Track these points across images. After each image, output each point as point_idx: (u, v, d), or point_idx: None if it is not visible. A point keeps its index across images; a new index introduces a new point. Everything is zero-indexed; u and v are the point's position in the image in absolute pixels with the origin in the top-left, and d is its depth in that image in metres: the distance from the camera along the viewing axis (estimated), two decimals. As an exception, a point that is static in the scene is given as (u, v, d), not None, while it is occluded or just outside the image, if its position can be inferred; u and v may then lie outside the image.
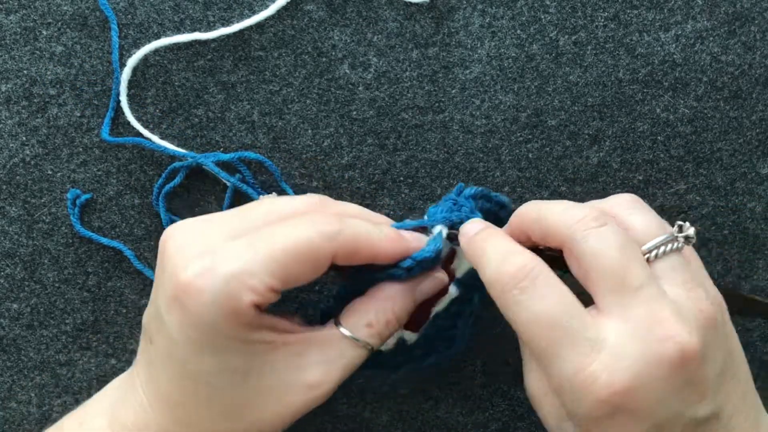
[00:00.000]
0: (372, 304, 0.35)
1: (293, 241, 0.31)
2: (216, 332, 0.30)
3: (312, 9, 0.44)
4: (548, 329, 0.30)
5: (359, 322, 0.35)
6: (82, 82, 0.44)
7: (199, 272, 0.30)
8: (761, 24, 0.44)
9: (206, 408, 0.32)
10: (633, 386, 0.29)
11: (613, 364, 0.29)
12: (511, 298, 0.31)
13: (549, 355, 0.30)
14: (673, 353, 0.29)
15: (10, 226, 0.45)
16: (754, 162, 0.45)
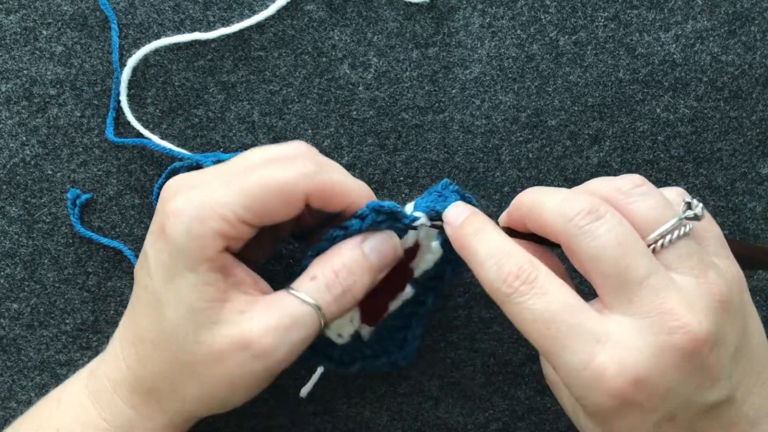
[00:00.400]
0: (318, 262, 0.35)
1: (268, 178, 0.33)
2: (184, 257, 0.32)
3: (312, 9, 0.44)
4: (550, 327, 0.30)
5: (304, 278, 0.35)
6: (82, 82, 0.44)
7: (180, 201, 0.32)
8: (761, 24, 0.44)
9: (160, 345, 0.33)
10: (642, 377, 0.29)
11: (620, 356, 0.29)
12: (510, 300, 0.31)
13: (554, 352, 0.30)
14: (684, 343, 0.29)
15: (10, 226, 0.45)
16: (754, 162, 0.45)
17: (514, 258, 0.32)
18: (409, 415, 0.45)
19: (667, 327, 0.29)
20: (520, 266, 0.31)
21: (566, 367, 0.30)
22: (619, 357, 0.29)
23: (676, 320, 0.29)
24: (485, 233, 0.33)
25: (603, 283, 0.31)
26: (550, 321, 0.30)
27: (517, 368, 0.45)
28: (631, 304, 0.30)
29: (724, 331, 0.30)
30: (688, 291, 0.30)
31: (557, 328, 0.30)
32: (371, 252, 0.35)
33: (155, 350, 0.34)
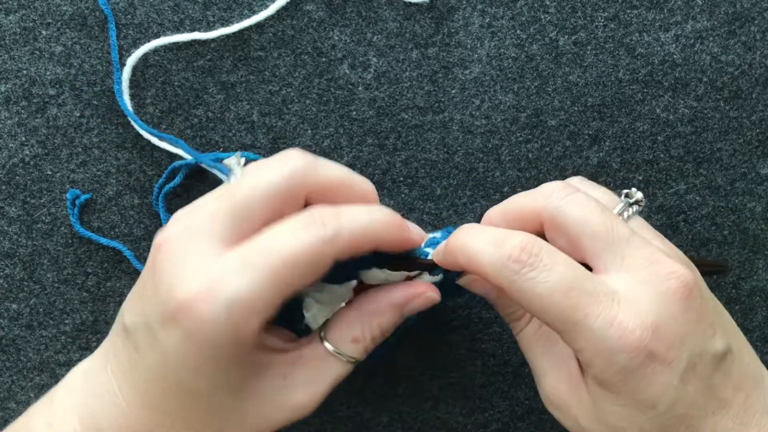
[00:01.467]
0: (358, 318, 0.34)
1: (293, 252, 0.29)
2: (217, 355, 0.29)
3: (312, 9, 0.44)
4: (568, 294, 0.30)
5: (345, 336, 0.33)
6: (82, 82, 0.44)
7: (197, 295, 0.28)
8: (761, 24, 0.44)
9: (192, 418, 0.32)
10: (658, 324, 0.30)
11: (634, 309, 0.30)
12: (522, 278, 0.30)
13: (576, 320, 0.30)
14: (679, 286, 0.30)
15: (10, 226, 0.45)
16: (754, 162, 0.45)
17: (514, 236, 0.31)
18: (409, 415, 0.45)
19: (662, 274, 0.30)
20: (522, 243, 0.31)
21: (591, 333, 0.29)
22: (634, 310, 0.30)
23: (667, 267, 0.30)
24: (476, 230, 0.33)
25: (594, 246, 0.31)
26: (568, 290, 0.30)
27: (517, 368, 0.45)
28: (624, 260, 0.31)
29: (702, 283, 0.32)
30: (663, 247, 0.32)
31: (578, 296, 0.30)
32: (409, 313, 0.35)
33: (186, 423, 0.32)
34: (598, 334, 0.29)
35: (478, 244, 0.31)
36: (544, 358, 0.34)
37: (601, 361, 0.30)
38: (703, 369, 0.31)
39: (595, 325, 0.29)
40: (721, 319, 0.33)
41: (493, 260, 0.31)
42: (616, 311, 0.30)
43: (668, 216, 0.45)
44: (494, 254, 0.31)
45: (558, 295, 0.30)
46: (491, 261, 0.31)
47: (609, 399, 0.31)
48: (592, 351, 0.30)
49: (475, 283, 0.36)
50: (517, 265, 0.30)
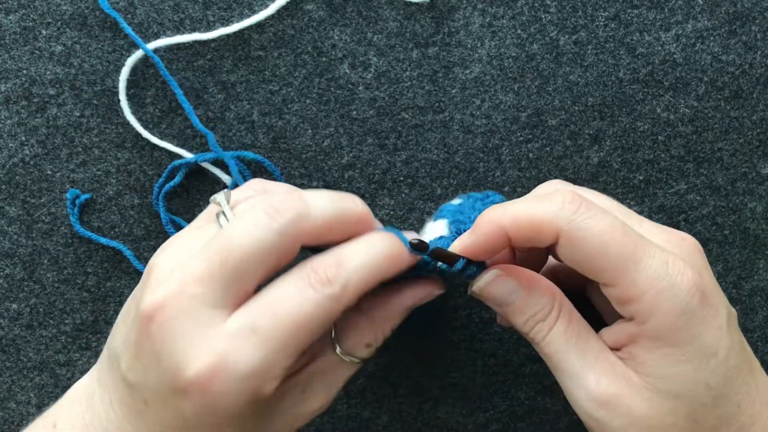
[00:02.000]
0: (370, 324, 0.34)
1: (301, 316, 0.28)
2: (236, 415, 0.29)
3: (312, 9, 0.44)
4: (626, 232, 0.30)
5: (359, 343, 0.34)
6: (82, 82, 0.44)
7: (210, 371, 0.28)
8: (762, 24, 0.44)
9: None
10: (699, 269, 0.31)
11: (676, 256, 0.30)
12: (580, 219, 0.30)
13: (637, 257, 0.30)
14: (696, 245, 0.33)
15: (10, 226, 0.45)
16: (754, 162, 0.45)
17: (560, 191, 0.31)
18: (409, 415, 0.45)
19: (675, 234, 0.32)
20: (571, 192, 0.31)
21: (652, 271, 0.30)
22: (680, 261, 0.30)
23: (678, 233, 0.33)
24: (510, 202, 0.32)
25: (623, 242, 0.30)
26: (625, 229, 0.30)
27: (517, 368, 0.45)
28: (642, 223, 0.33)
29: None
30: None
31: (635, 235, 0.30)
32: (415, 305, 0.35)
33: None
34: (659, 272, 0.30)
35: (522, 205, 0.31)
36: (581, 356, 0.32)
37: (664, 302, 0.30)
38: (734, 324, 0.31)
39: (654, 262, 0.30)
40: None
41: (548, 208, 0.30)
42: (668, 255, 0.30)
43: (669, 216, 0.45)
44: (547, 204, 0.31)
45: (618, 233, 0.30)
46: (546, 209, 0.30)
47: (669, 359, 0.30)
48: (654, 292, 0.30)
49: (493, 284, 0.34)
50: (573, 206, 0.30)
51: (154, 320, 0.28)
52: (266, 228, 0.29)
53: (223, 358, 0.28)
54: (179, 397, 0.28)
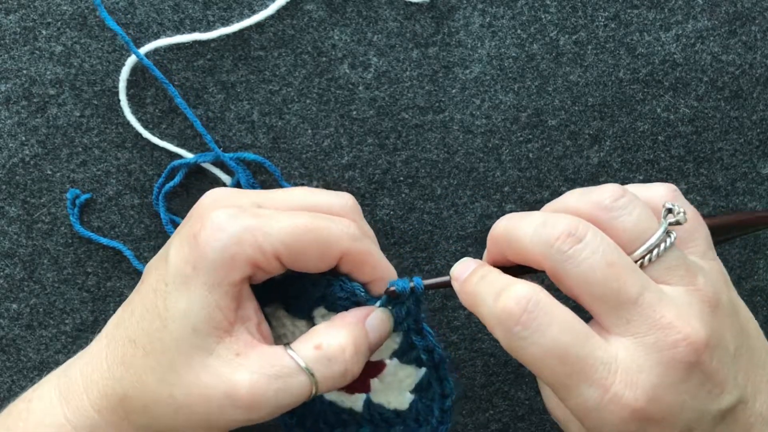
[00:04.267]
0: (324, 329, 0.34)
1: (316, 226, 0.33)
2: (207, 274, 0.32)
3: (312, 9, 0.44)
4: (561, 363, 0.29)
5: (308, 343, 0.33)
6: (82, 82, 0.44)
7: (225, 216, 0.32)
8: (762, 23, 0.44)
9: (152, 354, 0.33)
10: (655, 395, 0.29)
11: (631, 379, 0.29)
12: (515, 336, 0.30)
13: (569, 386, 0.29)
14: (686, 354, 0.29)
15: (10, 226, 0.45)
16: (754, 162, 0.45)
17: (511, 289, 0.30)
18: None
19: (669, 342, 0.29)
20: (517, 297, 0.30)
21: (582, 400, 0.29)
22: (632, 380, 0.29)
23: (677, 333, 0.29)
24: (488, 276, 0.32)
25: (598, 307, 0.30)
26: (563, 354, 0.29)
27: (517, 368, 0.45)
28: (629, 324, 0.29)
29: (720, 334, 0.30)
30: (681, 301, 0.30)
31: (573, 362, 0.29)
32: (371, 331, 0.35)
33: (144, 357, 0.33)
34: (590, 404, 0.29)
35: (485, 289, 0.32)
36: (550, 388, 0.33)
37: (592, 424, 0.30)
38: (702, 429, 0.30)
39: (587, 394, 0.29)
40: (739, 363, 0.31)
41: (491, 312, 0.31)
42: (611, 381, 0.29)
43: (669, 216, 0.45)
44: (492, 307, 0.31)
45: (552, 359, 0.29)
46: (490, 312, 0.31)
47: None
48: (584, 417, 0.30)
49: None
50: (510, 322, 0.30)
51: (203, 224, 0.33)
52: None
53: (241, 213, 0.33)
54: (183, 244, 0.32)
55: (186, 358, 0.32)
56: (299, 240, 0.32)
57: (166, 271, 0.33)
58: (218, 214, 0.32)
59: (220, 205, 0.33)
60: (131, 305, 0.35)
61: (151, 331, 0.33)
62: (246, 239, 0.32)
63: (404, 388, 0.38)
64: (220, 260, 0.31)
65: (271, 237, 0.32)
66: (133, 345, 0.33)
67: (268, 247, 0.32)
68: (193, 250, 0.32)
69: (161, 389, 0.32)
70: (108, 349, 0.34)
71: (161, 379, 0.32)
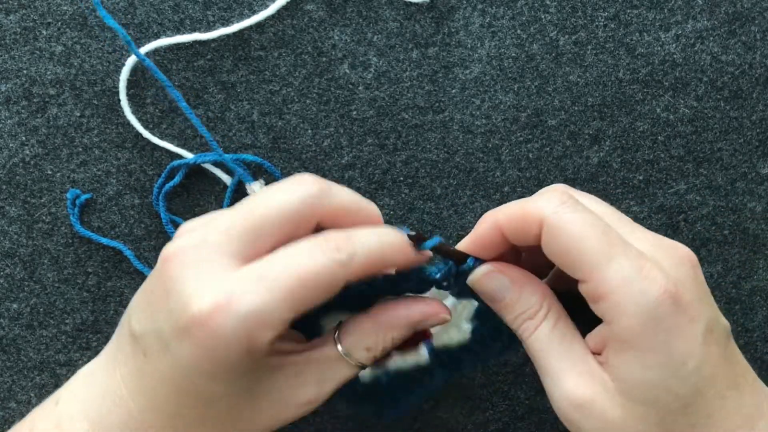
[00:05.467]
0: (374, 328, 0.34)
1: (308, 272, 0.30)
2: (231, 365, 0.30)
3: (312, 9, 0.44)
4: (606, 231, 0.31)
5: (359, 344, 0.34)
6: (82, 82, 0.44)
7: (213, 308, 0.29)
8: (761, 24, 0.44)
9: (205, 419, 0.32)
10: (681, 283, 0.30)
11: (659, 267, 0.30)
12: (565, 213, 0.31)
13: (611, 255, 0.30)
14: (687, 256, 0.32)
15: (10, 226, 0.45)
16: (754, 162, 0.45)
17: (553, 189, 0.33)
18: (409, 415, 0.45)
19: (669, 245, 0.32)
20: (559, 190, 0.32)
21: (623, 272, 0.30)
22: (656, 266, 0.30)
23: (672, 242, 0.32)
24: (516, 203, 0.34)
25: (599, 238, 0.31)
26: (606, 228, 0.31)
27: (517, 368, 0.45)
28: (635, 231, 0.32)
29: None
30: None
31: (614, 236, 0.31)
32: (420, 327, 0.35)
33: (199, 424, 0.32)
34: (630, 274, 0.30)
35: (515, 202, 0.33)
36: (562, 357, 0.33)
37: (631, 305, 0.30)
38: (719, 335, 0.31)
39: (627, 264, 0.30)
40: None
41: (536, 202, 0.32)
42: (645, 260, 0.30)
43: (668, 216, 0.45)
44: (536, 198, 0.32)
45: (596, 230, 0.31)
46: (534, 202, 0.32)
47: (637, 364, 0.31)
48: (622, 293, 0.30)
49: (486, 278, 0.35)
50: (558, 201, 0.31)
51: (171, 261, 0.30)
52: (290, 194, 0.31)
53: (228, 297, 0.29)
54: (180, 337, 0.29)
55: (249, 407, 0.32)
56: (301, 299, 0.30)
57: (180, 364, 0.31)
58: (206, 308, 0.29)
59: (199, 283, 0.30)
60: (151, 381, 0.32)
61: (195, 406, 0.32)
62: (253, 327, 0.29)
63: (462, 321, 0.37)
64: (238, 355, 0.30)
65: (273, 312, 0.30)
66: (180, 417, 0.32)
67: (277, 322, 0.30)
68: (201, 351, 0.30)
69: None
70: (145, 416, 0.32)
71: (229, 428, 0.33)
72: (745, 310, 0.46)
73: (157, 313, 0.31)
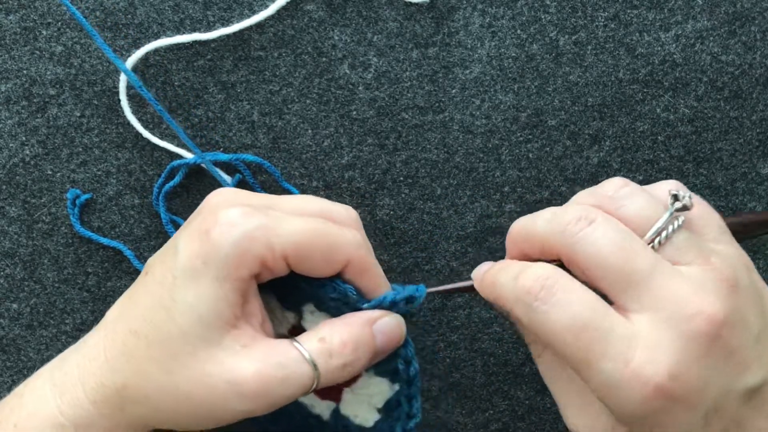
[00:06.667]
0: (329, 324, 0.34)
1: (324, 229, 0.33)
2: (217, 268, 0.32)
3: (312, 9, 0.44)
4: (581, 334, 0.29)
5: (313, 336, 0.34)
6: (82, 82, 0.44)
7: (238, 213, 0.32)
8: (761, 24, 0.44)
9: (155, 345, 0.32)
10: (678, 371, 0.28)
11: (652, 354, 0.28)
12: (535, 311, 0.30)
13: (588, 361, 0.29)
14: (705, 328, 0.29)
15: (10, 226, 0.45)
16: (754, 162, 0.45)
17: (530, 270, 0.31)
18: None
19: (684, 315, 0.29)
20: (537, 275, 0.30)
21: (603, 375, 0.29)
22: (651, 355, 0.29)
23: (692, 306, 0.29)
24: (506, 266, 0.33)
25: (611, 286, 0.30)
26: (581, 329, 0.29)
27: (517, 368, 0.45)
28: (642, 299, 0.30)
29: (741, 312, 0.30)
30: (695, 278, 0.30)
31: (590, 337, 0.29)
32: (379, 334, 0.35)
33: (147, 348, 0.33)
34: (611, 379, 0.29)
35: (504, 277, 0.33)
36: (565, 387, 0.33)
37: (616, 405, 0.29)
38: (729, 408, 0.30)
39: (608, 368, 0.29)
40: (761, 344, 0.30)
41: (511, 291, 0.31)
42: (631, 356, 0.29)
43: (668, 216, 0.45)
44: (512, 286, 0.31)
45: (570, 335, 0.29)
46: (509, 292, 0.32)
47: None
48: (605, 394, 0.29)
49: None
50: (530, 298, 0.30)
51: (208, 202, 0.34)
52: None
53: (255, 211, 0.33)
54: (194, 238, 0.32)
55: (192, 348, 0.32)
56: (309, 243, 0.33)
57: (174, 264, 0.32)
58: (232, 211, 0.32)
59: (232, 204, 0.33)
60: (133, 297, 0.34)
61: (155, 321, 0.33)
62: (258, 237, 0.32)
63: (373, 404, 0.37)
64: (231, 255, 0.32)
65: (282, 238, 0.32)
66: (135, 336, 0.33)
67: (278, 247, 0.32)
68: (204, 245, 0.32)
69: (164, 378, 0.32)
70: (106, 340, 0.34)
71: (165, 369, 0.32)
72: (745, 310, 0.46)
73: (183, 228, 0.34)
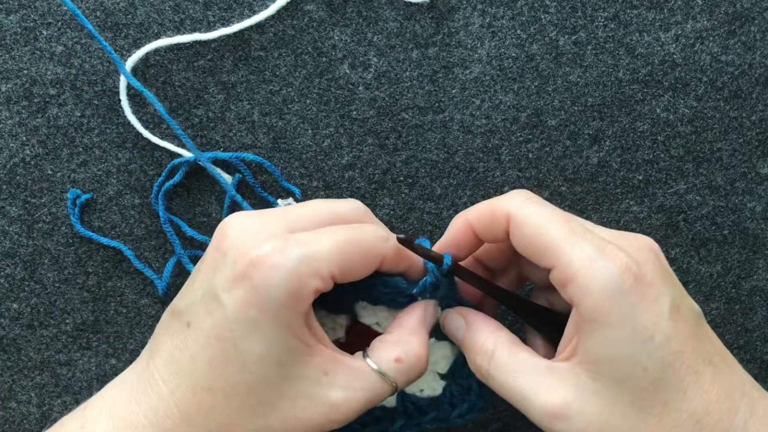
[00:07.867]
0: (399, 339, 0.35)
1: (354, 236, 0.33)
2: (277, 313, 0.31)
3: (312, 9, 0.44)
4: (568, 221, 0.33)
5: (388, 355, 0.34)
6: (82, 82, 0.44)
7: (272, 250, 0.31)
8: (761, 24, 0.44)
9: (235, 397, 0.32)
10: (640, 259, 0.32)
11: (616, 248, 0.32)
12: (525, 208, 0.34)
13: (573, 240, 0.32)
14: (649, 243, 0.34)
15: (10, 226, 0.45)
16: (754, 162, 0.45)
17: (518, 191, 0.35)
18: None
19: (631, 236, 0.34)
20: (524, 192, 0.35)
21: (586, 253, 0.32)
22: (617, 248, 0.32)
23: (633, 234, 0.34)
24: None
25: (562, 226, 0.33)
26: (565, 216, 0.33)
27: (517, 368, 0.45)
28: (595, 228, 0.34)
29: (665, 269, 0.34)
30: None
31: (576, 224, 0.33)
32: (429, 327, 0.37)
33: (227, 402, 0.32)
34: (593, 254, 0.31)
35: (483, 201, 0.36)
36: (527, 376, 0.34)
37: (595, 281, 0.31)
38: (687, 314, 0.32)
39: (589, 246, 0.32)
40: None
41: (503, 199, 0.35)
42: (606, 243, 0.32)
43: (668, 216, 0.45)
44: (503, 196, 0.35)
45: (560, 219, 0.33)
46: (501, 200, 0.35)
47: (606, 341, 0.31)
48: (587, 272, 0.31)
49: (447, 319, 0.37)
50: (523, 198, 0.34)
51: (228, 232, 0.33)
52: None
53: (284, 244, 0.31)
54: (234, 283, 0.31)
55: (277, 390, 0.32)
56: (348, 257, 0.33)
57: (225, 316, 0.31)
58: (264, 249, 0.31)
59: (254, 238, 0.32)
60: (188, 352, 0.33)
61: (228, 376, 0.32)
62: (303, 271, 0.31)
63: (438, 370, 0.38)
64: (286, 298, 0.31)
65: (323, 261, 0.32)
66: (210, 392, 0.32)
67: (324, 271, 0.32)
68: (251, 293, 0.31)
69: (257, 423, 0.32)
70: (175, 397, 0.32)
71: (253, 414, 0.32)
72: (744, 310, 0.46)
73: (212, 272, 0.33)
